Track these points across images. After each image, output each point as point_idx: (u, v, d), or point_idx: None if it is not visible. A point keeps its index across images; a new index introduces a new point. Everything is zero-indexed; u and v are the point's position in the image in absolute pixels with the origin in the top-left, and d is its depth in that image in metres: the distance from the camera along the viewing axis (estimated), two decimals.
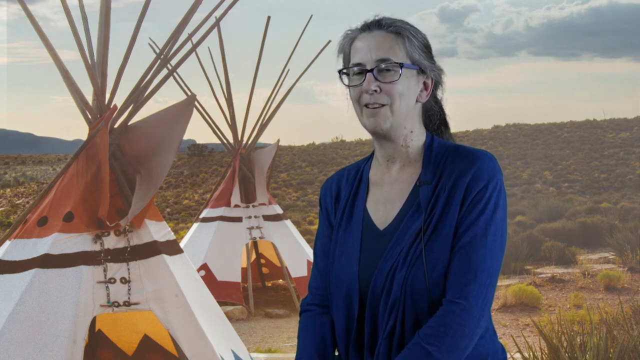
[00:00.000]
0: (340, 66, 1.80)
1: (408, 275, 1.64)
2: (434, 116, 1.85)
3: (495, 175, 1.67)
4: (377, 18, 1.75)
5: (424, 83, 1.76)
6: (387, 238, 1.72)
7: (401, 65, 1.69)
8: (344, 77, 1.77)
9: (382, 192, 1.79)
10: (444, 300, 1.63)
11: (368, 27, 1.75)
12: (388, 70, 1.70)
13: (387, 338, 1.66)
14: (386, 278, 1.67)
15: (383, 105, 1.70)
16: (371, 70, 1.70)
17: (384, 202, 1.77)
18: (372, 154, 1.87)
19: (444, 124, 1.88)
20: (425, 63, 1.74)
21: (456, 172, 1.68)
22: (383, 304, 1.67)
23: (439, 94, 1.84)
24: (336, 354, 1.83)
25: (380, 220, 1.76)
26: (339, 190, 1.87)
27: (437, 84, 1.81)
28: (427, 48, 1.76)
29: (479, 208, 1.64)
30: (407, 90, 1.72)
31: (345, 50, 1.78)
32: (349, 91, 1.76)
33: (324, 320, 1.84)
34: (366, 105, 1.72)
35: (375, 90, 1.70)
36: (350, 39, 1.77)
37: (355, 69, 1.73)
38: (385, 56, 1.70)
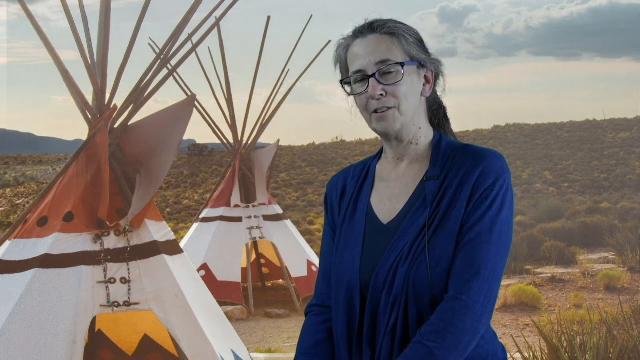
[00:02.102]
0: (338, 76, 1.79)
1: (411, 270, 1.64)
2: (437, 109, 1.86)
3: (502, 174, 1.67)
4: (368, 22, 1.75)
5: (425, 77, 1.77)
6: (390, 232, 1.72)
7: (402, 65, 1.69)
8: (347, 86, 1.77)
9: (388, 188, 1.79)
10: (445, 296, 1.62)
11: (361, 32, 1.74)
12: (390, 72, 1.70)
13: (390, 333, 1.66)
14: (388, 272, 1.67)
15: (391, 108, 1.70)
16: (373, 75, 1.69)
17: (389, 197, 1.78)
18: (381, 151, 1.87)
19: (445, 116, 1.88)
20: (423, 57, 1.75)
21: (464, 170, 1.68)
22: (385, 298, 1.67)
23: (441, 86, 1.84)
24: None
25: (384, 215, 1.76)
26: (345, 187, 1.88)
27: (438, 75, 1.81)
28: (421, 42, 1.77)
29: (485, 205, 1.64)
30: (412, 88, 1.72)
31: (342, 59, 1.77)
32: (355, 100, 1.76)
33: (320, 320, 1.85)
34: (375, 111, 1.72)
35: (382, 95, 1.70)
36: (345, 47, 1.76)
37: (357, 76, 1.72)
38: (385, 57, 1.70)
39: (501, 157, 1.70)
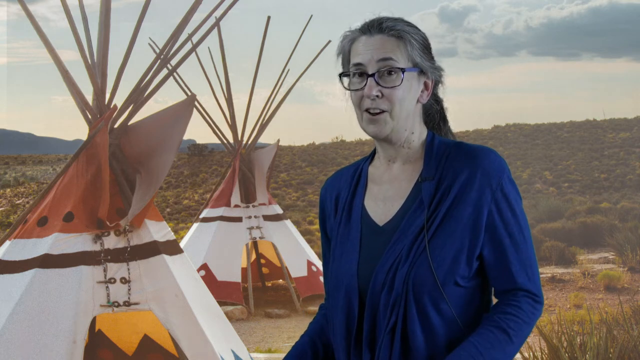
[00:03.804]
0: (339, 68, 1.79)
1: (410, 271, 1.65)
2: (434, 114, 1.85)
3: (503, 171, 1.69)
4: (377, 19, 1.74)
5: (425, 83, 1.76)
6: (387, 234, 1.72)
7: (403, 71, 1.69)
8: (345, 79, 1.76)
9: (382, 190, 1.79)
10: (517, 291, 1.69)
11: (369, 29, 1.73)
12: (390, 74, 1.69)
13: (389, 333, 1.66)
14: (387, 274, 1.67)
15: (383, 111, 1.70)
16: (372, 75, 1.69)
17: (384, 200, 1.77)
18: (373, 153, 1.87)
19: (443, 119, 1.88)
20: (425, 64, 1.74)
21: (464, 171, 1.68)
22: (384, 300, 1.67)
23: (440, 92, 1.84)
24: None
25: (379, 217, 1.76)
26: (339, 191, 1.87)
27: (437, 83, 1.80)
28: (427, 48, 1.76)
29: (504, 207, 1.68)
30: (408, 94, 1.71)
31: (345, 51, 1.77)
32: (350, 94, 1.75)
33: (321, 314, 1.91)
34: (367, 110, 1.71)
35: (377, 96, 1.69)
36: (350, 40, 1.76)
37: (356, 71, 1.72)
38: (387, 56, 1.69)
39: (496, 153, 1.71)
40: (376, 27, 1.72)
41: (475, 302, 1.70)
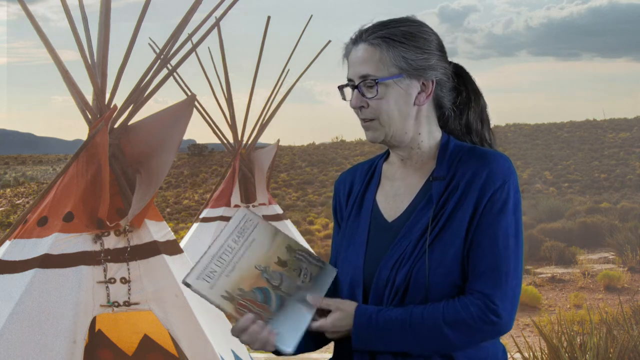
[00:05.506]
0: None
1: (413, 268, 1.66)
2: (465, 114, 1.84)
3: (510, 176, 1.68)
4: (362, 28, 1.75)
5: (424, 84, 1.75)
6: (394, 230, 1.73)
7: (376, 82, 1.70)
8: (346, 89, 1.79)
9: (394, 186, 1.80)
10: (476, 293, 1.62)
11: (355, 40, 1.76)
12: (370, 86, 1.71)
13: None
14: (392, 269, 1.68)
15: (372, 119, 1.74)
16: (356, 87, 1.73)
17: (394, 196, 1.79)
18: (388, 151, 1.88)
19: (482, 121, 1.87)
20: (419, 65, 1.72)
21: (471, 171, 1.69)
22: (387, 295, 1.68)
23: (450, 91, 1.81)
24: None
25: (389, 213, 1.77)
26: (352, 184, 1.89)
27: (443, 81, 1.78)
28: (422, 48, 1.73)
29: (497, 208, 1.65)
30: (395, 100, 1.71)
31: (346, 63, 1.80)
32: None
33: None
34: (362, 119, 1.77)
35: (363, 106, 1.73)
36: (347, 52, 1.79)
37: (349, 85, 1.76)
38: (365, 72, 1.71)
39: (507, 159, 1.71)
40: (360, 36, 1.75)
41: None
